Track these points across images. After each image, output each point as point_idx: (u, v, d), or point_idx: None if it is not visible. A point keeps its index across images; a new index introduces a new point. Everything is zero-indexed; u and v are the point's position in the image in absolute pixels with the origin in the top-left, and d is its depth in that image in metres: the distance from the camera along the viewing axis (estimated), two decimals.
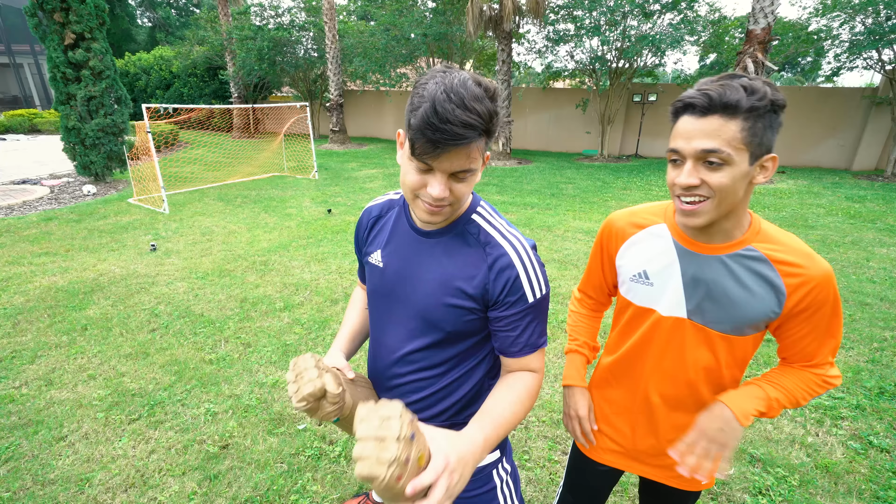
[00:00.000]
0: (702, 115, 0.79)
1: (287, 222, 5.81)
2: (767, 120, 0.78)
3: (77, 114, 7.25)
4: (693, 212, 0.84)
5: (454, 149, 0.73)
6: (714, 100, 0.77)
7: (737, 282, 0.87)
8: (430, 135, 0.71)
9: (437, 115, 0.70)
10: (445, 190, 0.78)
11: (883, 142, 10.20)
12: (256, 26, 14.33)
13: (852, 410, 2.37)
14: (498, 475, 1.04)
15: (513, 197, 7.31)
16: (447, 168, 0.76)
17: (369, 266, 1.02)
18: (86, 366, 2.72)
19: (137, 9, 31.13)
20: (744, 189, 0.83)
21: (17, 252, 4.56)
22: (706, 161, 0.80)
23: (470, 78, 0.73)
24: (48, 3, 6.67)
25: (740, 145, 0.78)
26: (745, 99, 0.76)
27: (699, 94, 0.79)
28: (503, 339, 0.90)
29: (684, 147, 0.81)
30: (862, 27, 9.34)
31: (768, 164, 0.82)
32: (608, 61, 11.29)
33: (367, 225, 1.04)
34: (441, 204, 0.80)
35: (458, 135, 0.71)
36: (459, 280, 0.88)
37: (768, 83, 0.79)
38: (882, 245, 4.98)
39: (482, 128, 0.74)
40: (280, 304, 3.52)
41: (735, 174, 0.80)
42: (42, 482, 1.90)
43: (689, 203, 0.84)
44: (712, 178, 0.80)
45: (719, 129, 0.78)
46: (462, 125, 0.70)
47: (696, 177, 0.81)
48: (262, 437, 2.17)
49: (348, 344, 1.10)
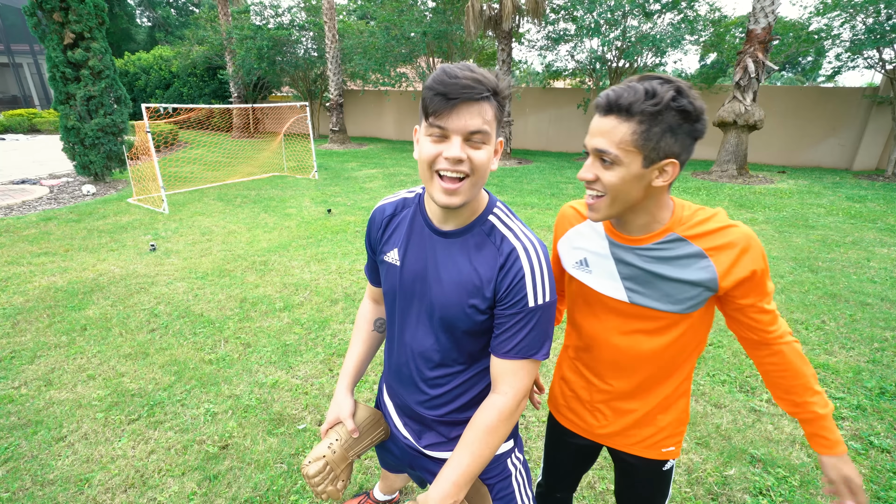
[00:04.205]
0: (603, 114, 0.83)
1: (287, 222, 5.81)
2: (667, 125, 0.79)
3: (76, 113, 7.24)
4: (591, 206, 0.89)
5: (465, 104, 0.76)
6: (611, 101, 0.80)
7: (666, 264, 0.90)
8: (441, 88, 0.75)
9: (446, 73, 0.77)
10: (462, 152, 0.79)
11: (883, 142, 10.20)
12: (256, 26, 14.32)
13: (853, 411, 2.37)
14: (512, 463, 1.08)
15: (513, 197, 7.31)
16: (461, 127, 0.78)
17: (385, 265, 1.02)
18: (85, 366, 2.71)
19: (137, 8, 31.11)
20: (640, 189, 0.84)
21: (17, 252, 4.56)
22: (601, 159, 0.84)
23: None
24: (47, 3, 6.66)
25: (630, 147, 0.80)
26: (639, 103, 0.77)
27: (603, 94, 0.82)
28: (496, 337, 0.91)
29: (588, 143, 0.86)
30: (862, 26, 9.33)
31: (668, 169, 0.83)
32: (608, 61, 11.29)
33: (382, 224, 1.03)
34: (458, 170, 0.80)
35: (467, 86, 0.75)
36: (475, 280, 0.89)
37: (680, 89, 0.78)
38: (883, 245, 4.98)
39: (490, 86, 0.77)
40: (280, 304, 3.52)
41: (624, 175, 0.82)
42: (41, 482, 1.89)
43: (591, 197, 0.89)
44: (605, 175, 0.84)
45: (612, 130, 0.81)
46: (471, 80, 0.76)
47: (592, 172, 0.86)
48: (262, 437, 2.17)
49: (354, 377, 1.15)
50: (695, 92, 0.81)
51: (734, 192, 7.68)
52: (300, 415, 2.32)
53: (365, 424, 1.12)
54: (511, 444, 1.08)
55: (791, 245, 4.97)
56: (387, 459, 1.31)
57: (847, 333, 3.13)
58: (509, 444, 1.07)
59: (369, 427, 1.13)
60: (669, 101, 0.77)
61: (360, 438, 1.10)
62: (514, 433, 1.10)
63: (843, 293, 3.75)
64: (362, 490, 1.88)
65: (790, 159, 11.19)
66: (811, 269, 4.27)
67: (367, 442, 1.12)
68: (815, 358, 2.83)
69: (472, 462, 0.88)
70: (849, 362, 2.79)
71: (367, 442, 1.12)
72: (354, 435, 1.08)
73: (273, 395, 2.47)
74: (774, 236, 5.29)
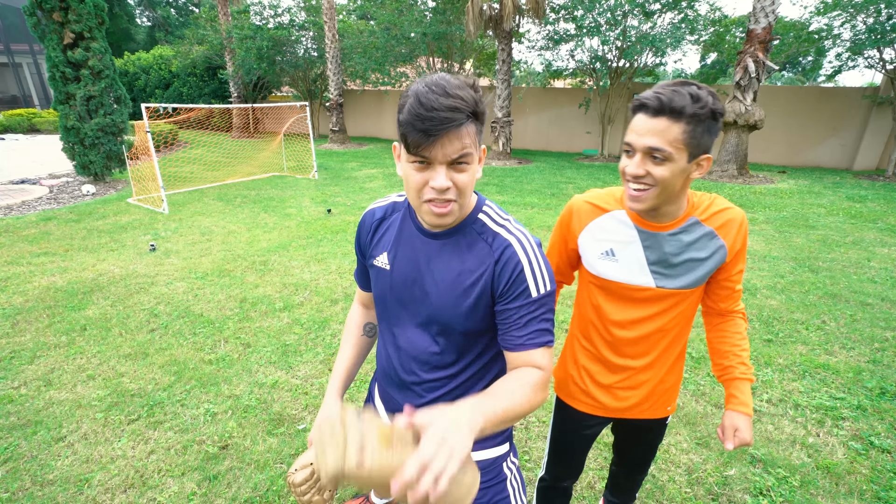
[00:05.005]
0: (653, 115, 0.91)
1: (287, 222, 5.80)
2: (706, 125, 0.91)
3: (76, 113, 7.24)
4: (638, 198, 0.98)
5: (445, 134, 0.74)
6: (664, 103, 0.89)
7: (689, 247, 1.05)
8: (420, 125, 0.73)
9: (421, 105, 0.73)
10: (447, 180, 0.78)
11: (884, 142, 10.19)
12: (256, 25, 14.31)
13: (853, 411, 2.37)
14: (507, 468, 1.07)
15: (513, 197, 7.30)
16: (444, 157, 0.76)
17: (375, 269, 1.01)
18: (85, 366, 2.71)
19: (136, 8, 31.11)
20: (682, 182, 0.97)
21: (16, 252, 4.56)
22: (652, 156, 0.93)
23: (447, 74, 0.77)
24: (47, 3, 6.65)
25: (681, 146, 0.91)
26: (689, 106, 0.88)
27: (653, 97, 0.91)
28: (506, 333, 0.90)
29: (636, 142, 0.94)
30: (863, 26, 9.32)
31: (703, 163, 0.96)
32: (609, 61, 11.28)
33: (371, 228, 1.02)
34: (446, 198, 0.80)
35: (445, 119, 0.73)
36: (469, 280, 0.89)
37: (712, 93, 0.92)
38: (883, 245, 4.98)
39: (468, 110, 0.75)
40: (280, 305, 3.51)
41: (674, 169, 0.93)
42: (41, 483, 1.89)
43: (637, 190, 0.98)
44: (656, 170, 0.94)
45: (665, 130, 0.90)
46: (448, 109, 0.73)
47: (643, 168, 0.94)
48: (262, 437, 2.16)
49: (343, 384, 1.13)
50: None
51: (734, 192, 7.68)
52: (300, 415, 2.32)
53: None
54: (507, 447, 1.07)
55: (791, 245, 4.97)
56: None
57: (847, 333, 3.13)
58: (505, 448, 1.06)
59: None
60: (710, 104, 0.89)
61: None
62: (509, 438, 1.10)
63: (843, 293, 3.74)
64: (362, 492, 1.88)
65: (790, 159, 11.19)
66: (811, 269, 4.26)
67: None
68: (816, 358, 2.83)
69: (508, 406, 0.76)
70: (849, 362, 2.79)
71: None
72: None
73: (273, 396, 2.47)
74: (775, 236, 5.28)
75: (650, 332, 1.13)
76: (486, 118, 0.81)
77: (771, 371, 2.71)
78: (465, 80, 0.77)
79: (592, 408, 1.25)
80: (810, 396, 2.48)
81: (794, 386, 2.58)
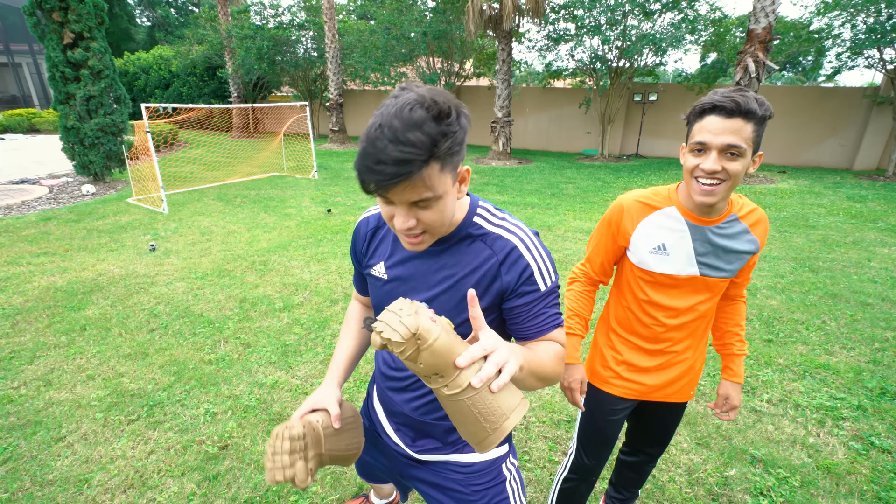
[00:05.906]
0: (728, 116, 1.02)
1: (286, 222, 5.80)
2: (764, 126, 1.04)
3: (76, 113, 7.23)
4: (711, 192, 1.07)
5: (397, 185, 0.69)
6: (740, 105, 1.00)
7: (731, 239, 1.17)
8: (368, 177, 0.68)
9: (368, 156, 0.67)
10: (410, 220, 0.75)
11: (884, 142, 10.19)
12: (256, 25, 14.31)
13: (854, 411, 2.37)
14: (507, 469, 1.07)
15: (513, 197, 7.30)
16: (404, 199, 0.72)
17: (372, 279, 1.00)
18: (85, 366, 2.71)
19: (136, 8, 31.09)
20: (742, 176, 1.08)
21: (16, 252, 4.55)
22: (728, 153, 1.03)
23: (416, 101, 0.67)
24: (47, 3, 6.65)
25: (750, 143, 1.03)
26: (759, 108, 1.01)
27: (728, 100, 1.01)
28: (520, 326, 0.90)
29: (712, 140, 1.03)
30: (863, 26, 9.32)
31: (757, 159, 1.09)
32: (609, 60, 11.28)
33: (366, 237, 1.01)
34: (412, 234, 0.78)
35: (392, 174, 0.66)
36: (470, 284, 0.88)
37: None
38: (883, 245, 4.98)
39: (423, 156, 0.67)
40: (279, 305, 3.51)
41: (745, 164, 1.05)
42: (41, 483, 1.89)
43: (710, 185, 1.07)
44: (730, 166, 1.04)
45: (740, 129, 1.01)
46: (395, 162, 0.66)
47: (720, 164, 1.04)
48: (262, 437, 2.16)
49: (343, 372, 1.10)
50: None
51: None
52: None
53: (347, 422, 1.00)
54: (506, 448, 1.07)
55: (792, 245, 4.97)
56: (372, 470, 1.30)
57: (848, 333, 3.12)
58: (504, 449, 1.07)
59: (349, 430, 1.00)
60: (770, 108, 1.03)
61: (339, 435, 0.96)
62: (509, 439, 1.10)
63: (843, 293, 3.74)
64: (362, 492, 1.88)
65: (791, 159, 11.19)
66: (812, 269, 4.26)
67: (342, 445, 0.97)
68: (816, 358, 2.83)
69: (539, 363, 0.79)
70: (849, 362, 2.79)
71: (342, 446, 0.97)
72: (336, 425, 0.95)
73: (273, 396, 2.47)
74: (775, 236, 5.28)
75: (694, 318, 1.25)
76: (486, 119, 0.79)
77: (771, 371, 2.71)
78: (433, 108, 0.67)
79: (630, 391, 1.34)
80: (811, 396, 2.48)
81: (794, 386, 2.58)
